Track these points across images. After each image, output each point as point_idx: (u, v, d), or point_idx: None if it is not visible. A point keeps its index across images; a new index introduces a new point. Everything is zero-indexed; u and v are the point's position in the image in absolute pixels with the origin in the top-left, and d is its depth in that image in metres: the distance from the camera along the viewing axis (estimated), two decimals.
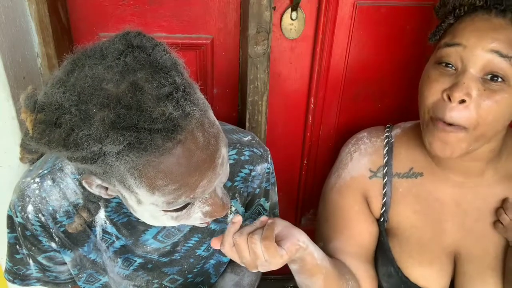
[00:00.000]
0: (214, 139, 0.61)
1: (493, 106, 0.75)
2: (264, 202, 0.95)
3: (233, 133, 0.91)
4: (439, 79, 0.78)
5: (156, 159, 0.56)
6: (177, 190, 0.60)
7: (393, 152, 0.97)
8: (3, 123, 0.90)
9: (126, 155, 0.55)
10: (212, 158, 0.61)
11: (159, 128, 0.54)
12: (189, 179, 0.59)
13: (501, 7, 0.74)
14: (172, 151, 0.56)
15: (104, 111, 0.54)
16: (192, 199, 0.63)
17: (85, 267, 0.88)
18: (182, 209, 0.65)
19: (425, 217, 0.94)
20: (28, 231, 0.81)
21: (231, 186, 0.89)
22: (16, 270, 0.88)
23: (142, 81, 0.55)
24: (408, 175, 0.95)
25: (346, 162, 1.01)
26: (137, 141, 0.54)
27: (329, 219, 1.00)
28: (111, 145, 0.54)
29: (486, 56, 0.74)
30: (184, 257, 0.92)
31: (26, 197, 0.79)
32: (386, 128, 1.01)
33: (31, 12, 0.93)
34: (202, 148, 0.59)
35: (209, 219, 0.70)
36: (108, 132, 0.53)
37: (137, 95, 0.54)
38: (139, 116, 0.54)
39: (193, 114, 0.58)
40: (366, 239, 0.97)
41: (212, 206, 0.67)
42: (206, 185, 0.62)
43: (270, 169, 0.92)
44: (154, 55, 0.58)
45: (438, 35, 0.83)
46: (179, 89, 0.57)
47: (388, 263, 0.96)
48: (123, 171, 0.58)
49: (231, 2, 1.05)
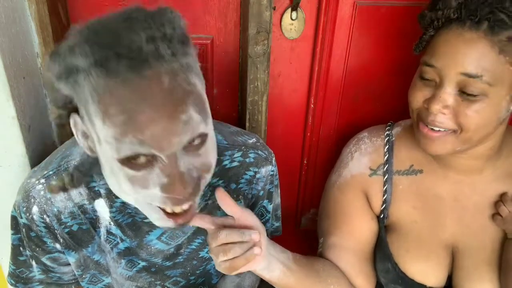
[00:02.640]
0: (183, 93, 0.60)
1: (473, 115, 0.78)
2: (267, 204, 0.95)
3: (238, 135, 0.91)
4: (422, 88, 0.84)
5: (115, 85, 0.57)
6: (124, 123, 0.58)
7: (394, 150, 0.99)
8: (3, 123, 0.90)
9: (92, 74, 0.58)
10: (173, 106, 0.59)
11: (126, 55, 0.56)
12: (140, 114, 0.58)
13: (476, 18, 0.75)
14: (133, 82, 0.57)
15: (87, 29, 0.59)
16: (142, 144, 0.59)
17: (89, 267, 0.88)
18: (139, 169, 0.62)
19: (424, 212, 0.96)
20: (32, 232, 0.81)
21: (236, 188, 0.89)
22: (19, 273, 0.87)
23: (132, 19, 0.59)
24: (408, 172, 0.97)
25: (347, 161, 1.03)
26: (102, 60, 0.57)
27: (330, 215, 1.02)
28: (79, 57, 0.57)
29: (457, 77, 0.77)
30: (187, 259, 0.92)
31: (31, 198, 0.79)
32: (387, 127, 1.03)
33: (31, 12, 0.93)
34: (164, 92, 0.59)
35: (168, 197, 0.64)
36: (81, 44, 0.58)
37: (121, 23, 0.58)
38: (110, 38, 0.57)
39: (168, 59, 0.59)
40: (365, 235, 0.98)
41: (169, 178, 0.62)
42: (159, 132, 0.59)
43: (274, 171, 0.92)
44: (157, 10, 0.62)
45: (421, 46, 0.87)
46: (166, 37, 0.59)
47: (385, 259, 0.97)
48: (87, 94, 0.60)
49: (231, 2, 1.05)
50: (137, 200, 0.67)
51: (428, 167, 0.96)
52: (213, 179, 0.86)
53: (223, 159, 0.87)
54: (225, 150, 0.87)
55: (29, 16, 0.93)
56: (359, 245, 0.98)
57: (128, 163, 0.61)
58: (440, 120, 0.81)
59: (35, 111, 0.98)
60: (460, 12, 0.76)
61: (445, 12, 0.78)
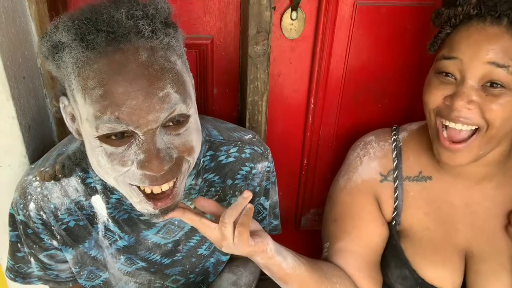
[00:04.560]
0: (161, 69, 0.61)
1: (499, 109, 0.77)
2: (264, 201, 0.95)
3: (234, 131, 0.91)
4: (439, 86, 0.81)
5: (93, 57, 0.60)
6: (102, 97, 0.60)
7: (402, 156, 0.97)
8: (3, 123, 0.90)
9: (72, 49, 0.60)
10: (150, 81, 0.60)
11: (104, 30, 0.59)
12: (116, 88, 0.59)
13: (496, 14, 0.75)
14: (110, 55, 0.60)
15: (73, 11, 0.63)
16: (118, 121, 0.60)
17: (86, 264, 0.88)
18: (118, 146, 0.62)
19: (436, 218, 0.95)
20: (29, 229, 0.81)
21: (232, 184, 0.89)
22: (17, 268, 0.88)
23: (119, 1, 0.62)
24: (418, 179, 0.96)
25: (356, 165, 1.01)
26: (82, 34, 0.60)
27: (338, 219, 1.00)
28: (62, 33, 0.61)
29: (484, 67, 0.76)
30: (186, 256, 0.92)
31: (28, 195, 0.79)
32: (393, 131, 1.01)
33: (31, 12, 0.93)
34: (141, 65, 0.60)
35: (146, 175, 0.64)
36: (65, 20, 0.61)
37: (103, 3, 0.61)
38: (90, 14, 0.60)
39: (147, 35, 0.61)
40: (374, 240, 0.97)
41: (145, 154, 0.62)
42: (135, 109, 0.59)
43: (270, 167, 0.92)
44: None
45: (436, 45, 0.85)
46: (147, 16, 0.62)
47: (402, 266, 0.95)
48: (70, 70, 0.62)
49: (231, 2, 1.05)
50: (117, 180, 0.67)
51: (437, 174, 0.94)
52: (209, 174, 0.86)
53: (219, 155, 0.87)
54: (221, 146, 0.87)
55: (29, 16, 0.93)
56: (368, 250, 0.96)
57: (106, 139, 0.63)
58: (465, 115, 0.78)
59: (35, 111, 0.98)
60: (480, 8, 0.76)
61: (465, 8, 0.77)
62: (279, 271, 0.82)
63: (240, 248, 0.74)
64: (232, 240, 0.72)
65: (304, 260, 0.86)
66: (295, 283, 0.84)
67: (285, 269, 0.82)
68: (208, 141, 0.87)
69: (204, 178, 0.86)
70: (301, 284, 0.85)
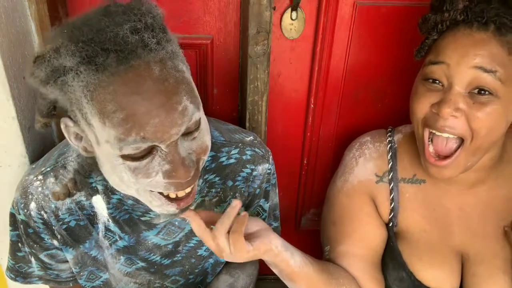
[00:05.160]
0: (175, 81, 0.61)
1: (485, 118, 0.76)
2: (264, 203, 0.95)
3: (235, 133, 0.91)
4: (426, 94, 0.81)
5: (106, 79, 0.58)
6: (125, 121, 0.58)
7: (397, 158, 0.97)
8: (3, 123, 0.90)
9: (79, 72, 0.58)
10: (168, 96, 0.60)
11: (112, 49, 0.57)
12: (137, 108, 0.58)
13: (483, 20, 0.74)
14: (123, 74, 0.58)
15: (69, 31, 0.59)
16: (144, 140, 0.60)
17: (86, 264, 0.88)
18: (141, 160, 0.63)
19: (432, 221, 0.95)
20: (30, 229, 0.82)
21: (233, 186, 0.89)
22: (18, 268, 0.88)
23: (113, 15, 0.59)
24: (412, 181, 0.96)
25: (352, 166, 1.01)
26: (89, 56, 0.57)
27: (337, 222, 1.00)
28: (66, 57, 0.57)
29: (471, 72, 0.75)
30: (185, 257, 0.92)
31: (29, 194, 0.79)
32: (388, 132, 1.01)
33: (31, 12, 0.93)
34: (156, 80, 0.59)
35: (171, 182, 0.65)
36: (64, 44, 0.58)
37: (102, 19, 0.59)
38: (94, 34, 0.57)
39: (153, 47, 0.60)
40: (375, 242, 0.97)
41: (171, 165, 0.63)
42: (159, 126, 0.60)
43: (271, 170, 0.92)
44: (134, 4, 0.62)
45: (423, 51, 0.85)
46: (148, 26, 0.60)
47: (399, 268, 0.95)
48: (79, 94, 0.60)
49: (231, 2, 1.05)
50: (139, 190, 0.68)
51: (430, 179, 0.94)
52: (210, 175, 0.86)
53: (220, 156, 0.87)
54: (222, 147, 0.87)
55: (29, 16, 0.93)
56: (370, 252, 0.96)
57: (129, 157, 0.63)
58: (451, 124, 0.78)
59: (35, 111, 0.98)
60: (467, 14, 0.76)
61: (452, 14, 0.77)
62: (287, 268, 0.81)
63: (239, 256, 0.74)
64: (228, 250, 0.73)
65: (312, 260, 0.86)
66: (303, 282, 0.84)
67: (293, 267, 0.81)
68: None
69: (204, 179, 0.86)
70: (309, 284, 0.85)
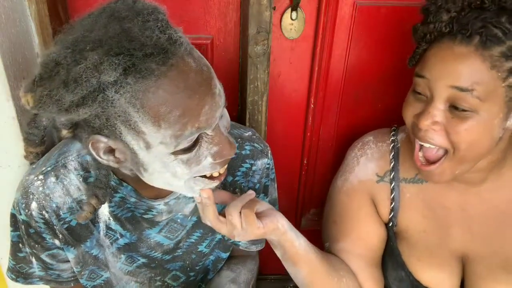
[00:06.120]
0: (206, 67, 0.65)
1: (464, 133, 0.76)
2: (264, 198, 0.95)
3: (234, 128, 0.92)
4: (413, 104, 0.82)
5: (153, 84, 0.58)
6: (181, 116, 0.61)
7: (400, 158, 0.97)
8: (3, 123, 0.90)
9: (125, 84, 0.57)
10: (208, 83, 0.63)
11: (151, 53, 0.58)
12: (190, 102, 0.61)
13: (467, 33, 0.73)
14: (167, 74, 0.59)
15: (96, 46, 0.57)
16: (198, 130, 0.63)
17: (87, 263, 0.88)
18: (192, 150, 0.65)
19: (432, 221, 0.95)
20: (31, 229, 0.82)
21: (232, 181, 0.89)
22: (19, 268, 0.88)
23: (127, 20, 0.59)
24: (414, 181, 0.96)
25: (353, 166, 1.01)
26: (132, 65, 0.57)
27: (337, 221, 1.01)
28: (108, 72, 0.56)
29: (447, 90, 0.75)
30: (186, 252, 0.92)
31: (30, 194, 0.79)
32: (392, 131, 1.01)
33: (31, 12, 0.93)
34: (196, 72, 0.62)
35: (219, 162, 0.69)
36: (103, 59, 0.56)
37: (124, 28, 0.58)
38: (129, 43, 0.57)
39: (180, 41, 0.61)
40: (374, 241, 0.97)
41: (219, 145, 0.67)
42: (209, 112, 0.63)
43: (270, 164, 0.93)
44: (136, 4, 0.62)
45: (414, 60, 0.85)
46: (163, 21, 0.61)
47: (398, 267, 0.95)
48: (125, 106, 0.59)
49: (231, 2, 1.05)
50: (187, 181, 0.70)
51: None
52: None
53: None
54: None
55: (29, 16, 0.93)
56: (368, 251, 0.96)
57: (181, 151, 0.65)
58: (430, 136, 0.79)
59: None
60: (452, 26, 0.75)
61: (437, 26, 0.76)
62: (291, 248, 0.82)
63: (250, 231, 0.76)
64: (240, 226, 0.75)
65: (315, 248, 0.87)
66: (305, 266, 0.85)
67: (297, 248, 0.83)
68: None
69: None
70: (312, 269, 0.86)
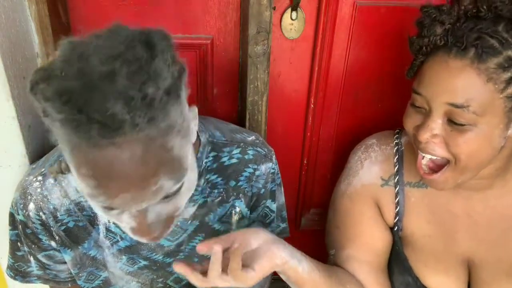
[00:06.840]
0: (156, 163, 0.58)
1: (463, 145, 0.76)
2: (271, 203, 0.94)
3: (237, 132, 0.91)
4: (412, 116, 0.82)
5: (86, 147, 0.55)
6: (96, 188, 0.58)
7: (404, 161, 0.96)
8: (3, 123, 0.90)
9: (65, 128, 0.54)
10: (144, 179, 0.58)
11: (98, 120, 0.52)
12: (109, 183, 0.57)
13: (462, 46, 0.72)
14: (104, 149, 0.55)
15: (67, 77, 0.53)
16: (112, 205, 0.61)
17: (85, 265, 0.88)
18: (110, 210, 0.63)
19: (438, 227, 0.94)
20: (28, 229, 0.82)
21: (236, 186, 0.89)
22: (17, 267, 0.88)
23: (116, 72, 0.52)
24: (418, 185, 0.95)
25: (357, 169, 1.00)
26: (75, 121, 0.53)
27: (340, 226, 0.99)
28: (51, 110, 0.54)
29: (444, 107, 0.75)
30: (188, 256, 0.92)
31: (28, 195, 0.79)
32: (396, 134, 1.00)
33: (31, 12, 0.93)
34: (135, 162, 0.56)
35: (133, 237, 0.67)
36: (54, 97, 0.52)
37: (101, 78, 0.52)
38: (86, 101, 0.52)
39: (143, 127, 0.55)
40: (379, 246, 0.96)
41: (137, 226, 0.65)
42: (130, 201, 0.60)
43: (275, 169, 0.92)
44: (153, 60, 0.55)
45: (412, 72, 0.85)
46: (145, 98, 0.54)
47: (405, 272, 0.95)
48: (62, 139, 0.58)
49: (231, 2, 1.05)
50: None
51: None
52: (211, 175, 0.86)
53: (222, 156, 0.87)
54: (223, 147, 0.87)
55: (29, 16, 0.93)
56: (374, 257, 0.95)
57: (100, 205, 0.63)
58: (431, 147, 0.79)
59: (35, 111, 0.98)
60: (447, 39, 0.74)
61: (431, 39, 0.76)
62: (295, 275, 0.80)
63: (245, 285, 0.72)
64: (233, 285, 0.71)
65: (319, 265, 0.85)
66: (310, 287, 0.83)
67: (301, 273, 0.80)
68: (211, 142, 0.86)
69: (206, 179, 0.86)
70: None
